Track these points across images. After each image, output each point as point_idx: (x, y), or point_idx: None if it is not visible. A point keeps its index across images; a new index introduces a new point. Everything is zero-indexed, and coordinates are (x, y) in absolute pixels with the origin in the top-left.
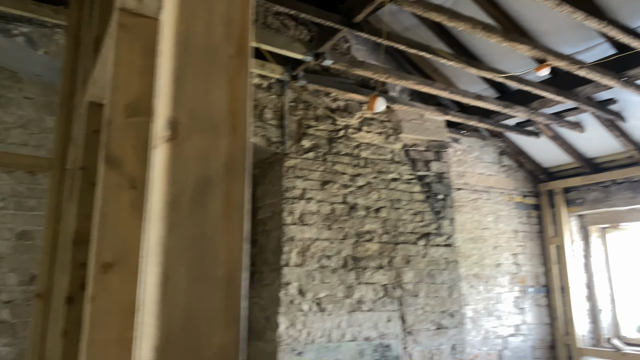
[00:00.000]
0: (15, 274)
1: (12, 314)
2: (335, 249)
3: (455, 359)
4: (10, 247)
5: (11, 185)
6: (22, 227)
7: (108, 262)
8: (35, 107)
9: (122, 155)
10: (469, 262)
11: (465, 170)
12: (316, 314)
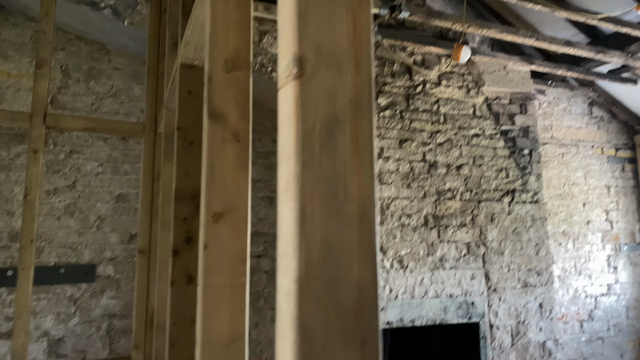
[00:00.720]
0: (116, 234)
1: (116, 270)
2: (415, 207)
3: (543, 317)
4: (110, 209)
5: (107, 151)
6: (119, 190)
7: (218, 212)
8: (123, 77)
9: (225, 109)
10: (556, 219)
11: (552, 124)
12: (398, 272)
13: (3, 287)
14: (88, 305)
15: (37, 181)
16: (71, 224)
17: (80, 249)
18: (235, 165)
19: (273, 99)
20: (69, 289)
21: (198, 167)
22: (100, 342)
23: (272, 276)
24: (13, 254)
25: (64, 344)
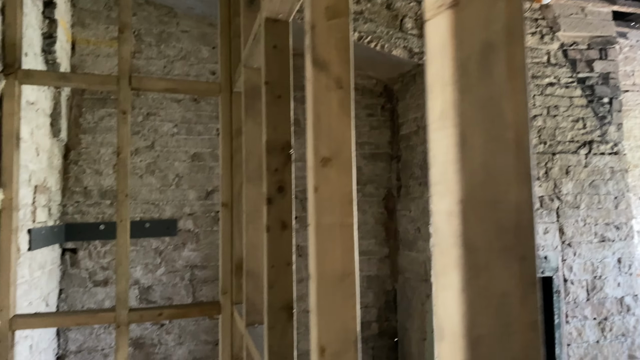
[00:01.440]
0: (193, 191)
1: (195, 224)
2: None
3: (622, 272)
4: (187, 167)
5: (181, 113)
6: (194, 149)
7: (326, 157)
8: (191, 39)
9: (328, 57)
10: (637, 172)
11: (635, 69)
12: None
13: (97, 240)
14: (172, 256)
15: (127, 140)
16: (152, 182)
17: (162, 205)
18: (339, 112)
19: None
20: (154, 242)
21: (287, 121)
22: (185, 290)
23: None
24: (104, 209)
25: (153, 292)
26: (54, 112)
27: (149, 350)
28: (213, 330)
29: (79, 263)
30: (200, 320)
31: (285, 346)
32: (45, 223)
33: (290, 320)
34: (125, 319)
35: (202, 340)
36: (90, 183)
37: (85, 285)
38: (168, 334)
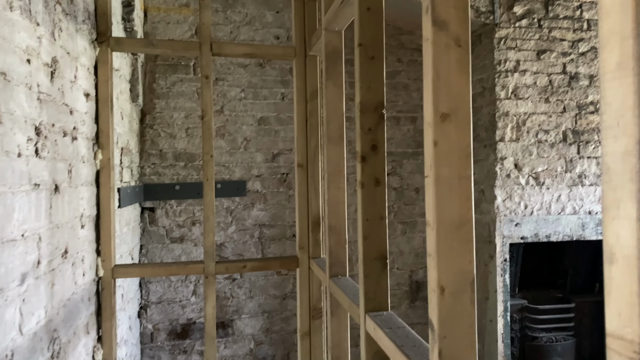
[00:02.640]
0: (260, 153)
1: (262, 185)
2: (553, 122)
3: None
4: (254, 131)
5: (247, 77)
6: (260, 113)
7: (444, 112)
8: (256, 4)
9: (447, 17)
10: None
11: None
12: (534, 188)
13: (172, 200)
14: (242, 216)
15: (211, 104)
16: (222, 145)
17: (232, 167)
18: (457, 69)
19: (399, 17)
20: (225, 201)
21: (380, 81)
22: (254, 247)
23: (400, 193)
24: (178, 171)
25: (225, 248)
26: (132, 78)
27: (222, 303)
28: (281, 285)
29: (156, 221)
30: (269, 276)
31: (380, 293)
32: (129, 183)
33: (384, 270)
34: (213, 270)
35: (271, 294)
36: (165, 146)
37: (163, 242)
38: (239, 287)
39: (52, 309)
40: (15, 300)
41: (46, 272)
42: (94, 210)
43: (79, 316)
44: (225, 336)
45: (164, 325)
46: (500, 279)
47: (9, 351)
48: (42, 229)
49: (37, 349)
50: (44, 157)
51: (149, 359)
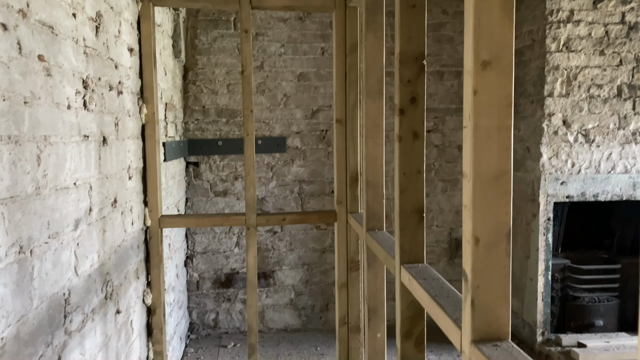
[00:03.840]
0: (300, 110)
1: (302, 142)
2: (607, 76)
3: None
4: (293, 87)
5: (287, 32)
6: (300, 69)
7: (485, 60)
8: None
9: None
10: None
11: None
12: (582, 145)
13: (215, 155)
14: (282, 171)
15: (250, 58)
16: (263, 101)
17: (272, 124)
18: (501, 14)
19: None
20: (266, 157)
21: (421, 31)
22: (294, 202)
23: (442, 150)
24: (220, 127)
25: (266, 203)
26: (175, 33)
27: (264, 254)
28: (320, 239)
29: (201, 175)
30: (308, 230)
31: (416, 246)
32: (174, 138)
33: (420, 223)
34: (254, 222)
35: (311, 248)
36: (207, 102)
37: (208, 195)
38: (280, 240)
39: (104, 254)
40: (70, 244)
41: (97, 220)
42: (141, 163)
43: (129, 262)
44: (267, 286)
45: (208, 275)
46: (542, 237)
47: (66, 290)
48: (93, 179)
49: (91, 289)
50: (92, 109)
51: (195, 305)
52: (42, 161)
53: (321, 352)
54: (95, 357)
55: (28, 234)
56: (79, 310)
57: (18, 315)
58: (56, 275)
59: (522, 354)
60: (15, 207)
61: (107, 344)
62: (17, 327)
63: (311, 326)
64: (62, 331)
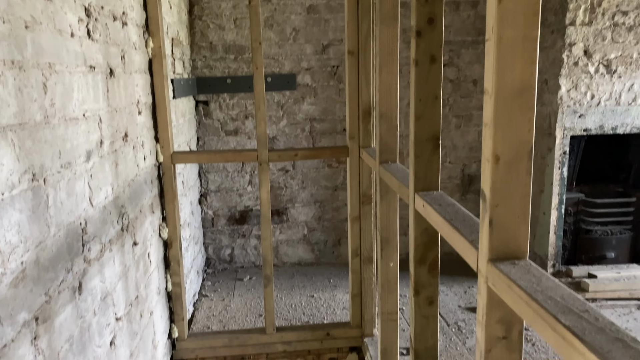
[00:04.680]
0: (310, 45)
1: (312, 79)
2: (634, 2)
3: None
4: (303, 20)
5: None
6: (309, 1)
7: None
8: None
9: None
10: None
11: None
12: (603, 77)
13: (225, 93)
14: (292, 110)
15: None
16: (271, 36)
17: (281, 60)
18: None
19: None
20: (276, 95)
21: None
22: (305, 141)
23: (457, 85)
24: (229, 64)
25: (277, 142)
26: None
27: (276, 192)
28: (332, 177)
29: (211, 114)
30: (320, 169)
31: (431, 174)
32: (182, 75)
33: (435, 151)
34: (266, 158)
35: (323, 185)
36: (215, 38)
37: (219, 134)
38: (292, 179)
39: (118, 187)
40: (84, 175)
41: (109, 152)
42: (150, 99)
43: (143, 196)
44: (280, 223)
45: (223, 212)
46: (557, 172)
47: (82, 220)
48: (102, 111)
49: (107, 220)
50: (96, 39)
51: (211, 241)
52: (49, 89)
53: (334, 284)
54: (115, 286)
55: (40, 162)
56: (96, 240)
57: (36, 241)
58: (71, 205)
59: (539, 270)
60: (24, 135)
61: (126, 273)
62: (36, 252)
63: (324, 260)
64: (81, 259)
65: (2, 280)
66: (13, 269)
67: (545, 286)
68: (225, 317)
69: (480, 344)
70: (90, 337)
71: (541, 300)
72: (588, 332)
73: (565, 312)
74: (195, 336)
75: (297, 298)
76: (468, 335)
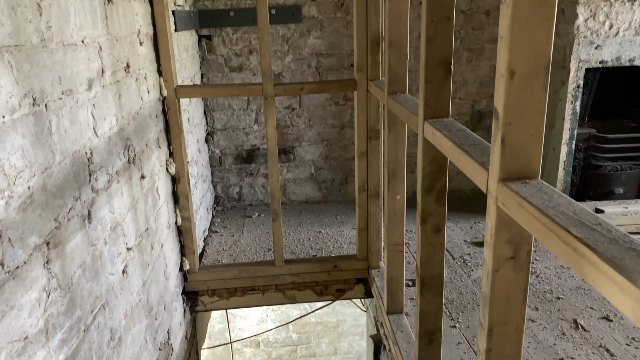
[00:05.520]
0: None
1: (318, 10)
2: None
3: None
4: None
5: None
6: None
7: None
8: None
9: None
10: None
11: None
12: (624, 4)
13: (228, 27)
14: (298, 44)
15: None
16: None
17: None
18: None
19: None
20: (281, 29)
21: None
22: (312, 77)
23: (468, 17)
24: None
25: (283, 78)
26: None
27: (283, 131)
28: (339, 115)
29: (214, 49)
30: (327, 106)
31: (441, 100)
32: (183, 7)
33: (447, 76)
34: (271, 92)
35: (330, 124)
36: None
37: (223, 71)
38: (299, 117)
39: (122, 118)
40: (86, 104)
41: (112, 83)
42: (151, 29)
43: (148, 130)
44: (287, 161)
45: (230, 151)
46: (569, 106)
47: (88, 149)
48: (101, 39)
49: (113, 152)
50: None
51: (219, 179)
52: (44, 11)
53: (341, 220)
54: (124, 217)
55: (40, 86)
56: (103, 171)
57: (42, 167)
58: (75, 133)
59: (551, 188)
60: (22, 57)
61: (135, 206)
62: (42, 178)
63: (331, 198)
64: (88, 188)
65: (10, 204)
66: (20, 193)
67: (557, 202)
68: (235, 252)
69: (488, 264)
70: (102, 265)
71: (553, 215)
72: (600, 243)
73: (577, 225)
74: (206, 268)
75: (304, 234)
76: (473, 268)
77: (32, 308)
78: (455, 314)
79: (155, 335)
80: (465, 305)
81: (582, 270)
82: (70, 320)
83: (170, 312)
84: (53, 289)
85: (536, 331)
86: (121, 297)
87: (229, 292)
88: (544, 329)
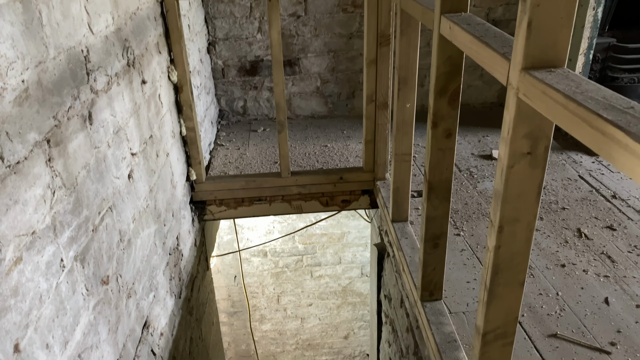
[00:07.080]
0: None
1: None
2: None
3: None
4: None
5: None
6: None
7: None
8: None
9: None
10: None
11: None
12: None
13: None
14: None
15: None
16: None
17: None
18: None
19: None
20: None
21: None
22: None
23: None
24: None
25: None
26: None
27: (288, 41)
28: (347, 23)
29: None
30: (334, 14)
31: None
32: None
33: None
34: None
35: (337, 33)
36: None
37: None
38: (304, 25)
39: (119, 17)
40: None
41: None
42: None
43: (147, 33)
44: (293, 74)
45: (233, 62)
46: (591, 12)
47: (84, 47)
48: None
49: (111, 52)
50: None
51: (223, 93)
52: None
53: (347, 135)
54: (127, 121)
55: None
56: (101, 71)
57: (35, 60)
58: (69, 27)
59: (579, 76)
60: None
61: (137, 111)
62: (37, 73)
63: (337, 113)
64: (87, 88)
65: (5, 96)
66: (14, 86)
67: (585, 89)
68: (241, 164)
69: (503, 160)
70: (107, 168)
71: (581, 100)
72: (633, 124)
73: (608, 108)
74: (213, 179)
75: (310, 147)
76: (480, 180)
77: (38, 204)
78: (459, 223)
79: (164, 240)
80: (470, 215)
81: (610, 155)
82: (78, 219)
83: (178, 219)
84: (58, 188)
85: (540, 239)
86: (128, 202)
87: (237, 202)
88: (547, 237)
